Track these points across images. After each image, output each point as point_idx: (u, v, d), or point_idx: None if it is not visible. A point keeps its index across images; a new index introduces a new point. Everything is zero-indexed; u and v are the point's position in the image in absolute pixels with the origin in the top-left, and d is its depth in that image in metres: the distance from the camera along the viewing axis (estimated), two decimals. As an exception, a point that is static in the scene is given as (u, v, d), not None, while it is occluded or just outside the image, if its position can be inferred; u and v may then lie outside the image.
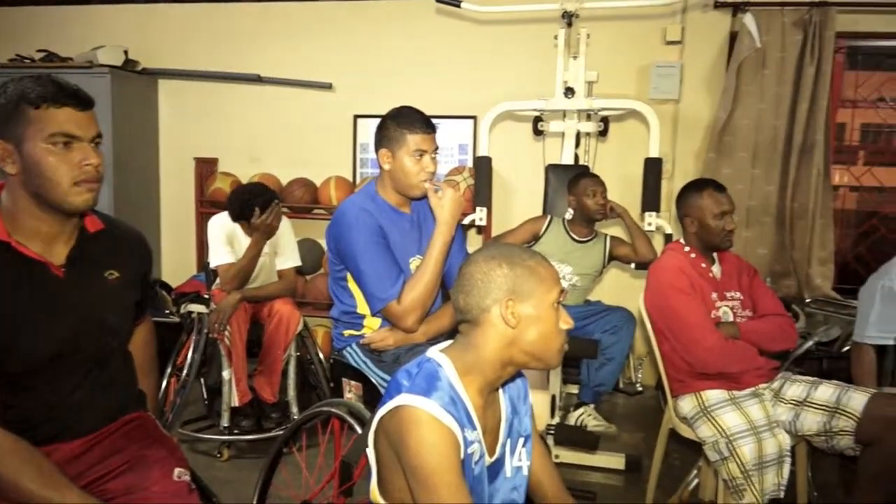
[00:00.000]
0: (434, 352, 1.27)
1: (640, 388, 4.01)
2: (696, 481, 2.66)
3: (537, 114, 3.64)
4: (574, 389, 3.41)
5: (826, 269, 3.98)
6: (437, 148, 2.11)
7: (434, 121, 2.12)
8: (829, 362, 3.27)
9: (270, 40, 4.60)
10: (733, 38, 3.95)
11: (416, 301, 2.00)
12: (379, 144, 2.10)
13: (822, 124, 3.83)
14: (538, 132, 3.71)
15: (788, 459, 2.11)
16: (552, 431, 2.83)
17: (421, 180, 2.07)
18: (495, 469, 1.30)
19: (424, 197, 2.11)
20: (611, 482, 2.89)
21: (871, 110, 4.22)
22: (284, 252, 3.31)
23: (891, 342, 2.56)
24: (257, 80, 4.57)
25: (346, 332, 2.17)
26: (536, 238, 3.36)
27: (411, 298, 1.99)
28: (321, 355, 3.48)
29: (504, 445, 1.32)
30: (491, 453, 1.28)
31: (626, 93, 4.01)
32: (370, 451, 1.26)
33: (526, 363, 1.26)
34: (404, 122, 2.05)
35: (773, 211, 4.01)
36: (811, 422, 2.18)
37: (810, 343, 3.23)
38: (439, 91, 4.36)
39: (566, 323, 1.25)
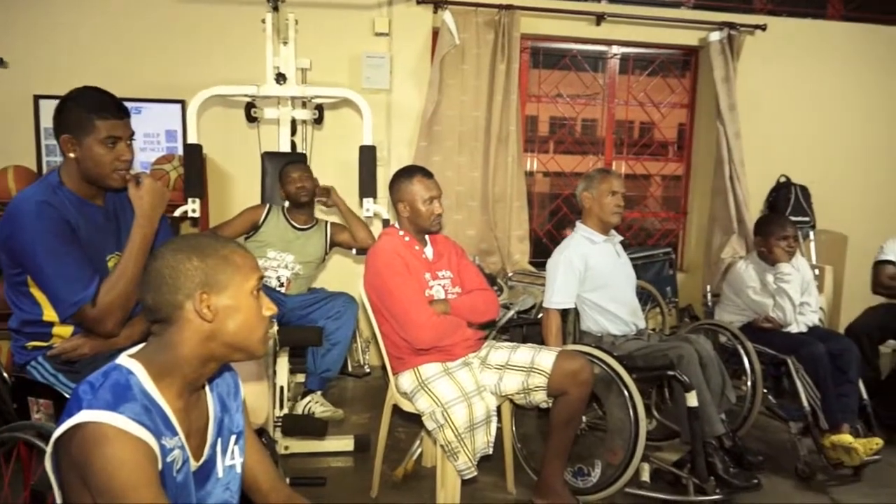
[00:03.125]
0: (124, 357, 1.15)
1: (368, 370, 4.13)
2: (419, 451, 2.83)
3: (249, 99, 3.53)
4: (302, 378, 3.40)
5: (523, 245, 4.48)
6: (132, 133, 1.93)
7: (137, 105, 1.94)
8: (528, 328, 3.68)
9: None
10: (436, 33, 4.22)
11: (116, 302, 1.82)
12: (60, 129, 1.86)
13: (514, 116, 4.29)
14: (252, 119, 3.59)
15: (495, 418, 2.34)
16: (279, 423, 2.79)
17: (116, 170, 1.88)
18: (205, 472, 1.23)
19: (123, 188, 1.92)
20: (341, 464, 2.94)
21: (553, 104, 4.83)
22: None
23: (572, 306, 2.97)
24: None
25: (31, 345, 1.90)
26: (256, 227, 3.26)
27: (109, 300, 1.81)
28: (4, 374, 2.99)
29: (214, 446, 1.25)
30: (198, 457, 1.21)
31: (340, 81, 4.07)
32: (51, 476, 1.11)
33: (228, 356, 1.21)
34: (91, 105, 1.84)
35: (479, 195, 4.38)
36: (512, 382, 2.43)
37: (512, 312, 3.59)
38: (140, 72, 3.97)
39: (269, 309, 1.23)
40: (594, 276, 2.94)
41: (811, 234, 4.69)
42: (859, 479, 2.87)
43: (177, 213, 3.38)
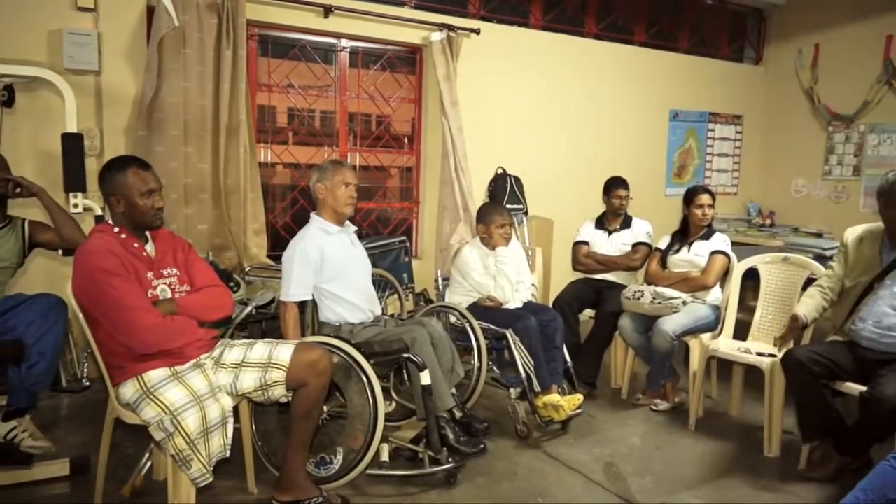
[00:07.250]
0: None
1: (87, 384, 3.73)
2: (148, 464, 2.62)
3: (-89, 75, 2.94)
4: (3, 401, 2.93)
5: (260, 238, 4.36)
6: None
7: None
8: (268, 322, 3.61)
9: None
10: (152, 11, 3.88)
11: None
12: None
13: (244, 105, 4.13)
14: (-84, 98, 3.00)
15: (231, 420, 2.25)
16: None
17: None
18: None
19: None
20: (56, 492, 2.60)
21: (286, 95, 4.75)
22: None
23: (309, 297, 2.98)
24: None
25: None
26: (-73, 229, 2.73)
27: None
28: None
29: None
30: None
31: (38, 59, 3.55)
32: None
33: None
34: None
35: (209, 187, 4.15)
36: (249, 380, 2.37)
37: (250, 308, 3.50)
38: None
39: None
40: (330, 267, 2.97)
41: (524, 219, 5.25)
42: (566, 431, 3.31)
43: None
